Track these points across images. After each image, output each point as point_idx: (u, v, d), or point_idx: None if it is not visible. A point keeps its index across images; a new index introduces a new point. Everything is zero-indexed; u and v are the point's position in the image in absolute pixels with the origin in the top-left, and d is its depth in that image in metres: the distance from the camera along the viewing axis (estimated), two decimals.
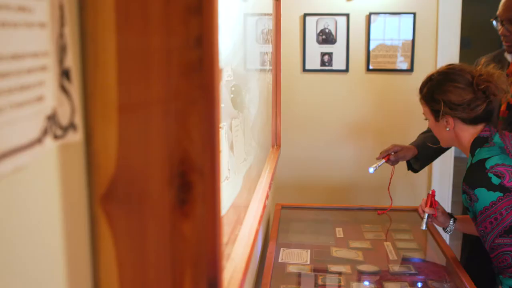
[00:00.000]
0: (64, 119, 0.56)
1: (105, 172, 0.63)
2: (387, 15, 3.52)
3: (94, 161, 0.63)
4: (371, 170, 2.46)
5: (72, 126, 0.58)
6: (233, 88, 1.38)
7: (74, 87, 0.59)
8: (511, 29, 2.31)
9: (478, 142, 1.89)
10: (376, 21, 3.53)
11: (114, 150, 0.62)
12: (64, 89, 0.56)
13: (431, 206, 2.15)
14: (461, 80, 1.89)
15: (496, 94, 1.87)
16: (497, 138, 1.88)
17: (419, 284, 2.06)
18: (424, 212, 2.13)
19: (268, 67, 2.20)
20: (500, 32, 2.37)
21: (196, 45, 0.59)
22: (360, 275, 2.13)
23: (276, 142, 2.37)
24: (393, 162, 2.50)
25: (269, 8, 2.37)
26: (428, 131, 2.49)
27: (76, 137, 0.59)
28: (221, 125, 1.19)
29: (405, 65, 3.55)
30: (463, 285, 1.97)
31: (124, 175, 0.62)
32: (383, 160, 2.46)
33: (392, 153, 2.44)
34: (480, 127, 1.91)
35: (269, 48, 2.29)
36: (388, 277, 2.11)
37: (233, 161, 1.35)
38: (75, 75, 0.59)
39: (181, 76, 0.60)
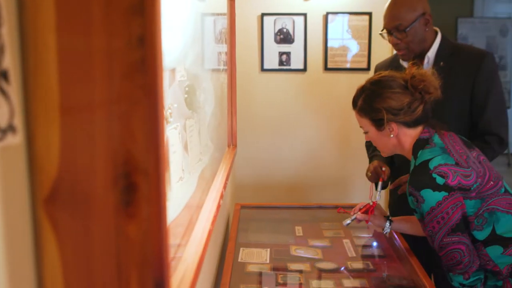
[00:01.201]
0: (2, 121, 0.55)
1: (48, 175, 0.62)
2: (344, 14, 3.56)
3: (36, 163, 0.62)
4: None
5: (11, 128, 0.57)
6: (187, 89, 1.37)
7: (13, 89, 0.57)
8: (399, 37, 2.39)
9: (420, 144, 1.93)
10: (333, 21, 3.56)
11: (56, 152, 0.61)
12: (2, 91, 0.55)
13: (366, 212, 2.24)
14: (396, 85, 1.93)
15: (430, 92, 1.92)
16: (437, 139, 1.92)
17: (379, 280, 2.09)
18: (354, 213, 2.25)
19: (224, 67, 2.21)
20: (391, 42, 2.47)
21: (139, 45, 0.58)
22: (319, 273, 2.15)
23: (232, 141, 2.36)
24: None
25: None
26: (369, 146, 2.55)
27: (15, 139, 0.58)
28: (174, 125, 1.18)
29: (362, 64, 3.60)
30: (420, 280, 2.01)
31: (67, 177, 0.61)
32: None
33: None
34: (419, 129, 1.95)
35: (225, 48, 2.29)
36: (347, 274, 2.14)
37: (188, 161, 1.34)
38: (14, 76, 0.58)
39: (123, 77, 0.59)
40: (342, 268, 2.18)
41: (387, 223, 2.22)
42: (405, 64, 2.54)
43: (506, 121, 2.36)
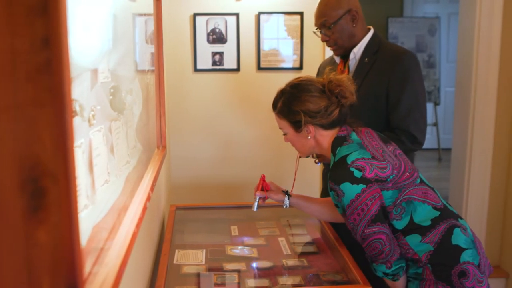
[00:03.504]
0: None
1: None
2: (275, 14, 3.59)
3: None
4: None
5: None
6: (112, 90, 1.35)
7: None
8: (328, 33, 2.51)
9: (338, 142, 2.01)
10: (265, 21, 3.59)
11: None
12: None
13: (262, 189, 2.35)
14: (314, 89, 2.02)
15: (346, 97, 2.01)
16: (354, 136, 2.02)
17: (312, 276, 2.11)
18: (255, 195, 2.35)
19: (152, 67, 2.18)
20: (321, 40, 2.57)
21: (43, 47, 0.57)
22: (255, 272, 2.16)
23: (161, 143, 2.34)
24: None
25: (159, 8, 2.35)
26: None
27: None
28: (98, 127, 1.16)
29: (295, 64, 3.64)
30: (354, 276, 2.05)
31: None
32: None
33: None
34: (336, 130, 2.04)
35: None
36: (282, 272, 2.16)
37: (114, 163, 1.32)
38: None
39: (28, 79, 0.58)
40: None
41: (286, 197, 2.36)
42: (337, 59, 2.62)
43: (420, 119, 2.44)
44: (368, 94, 2.42)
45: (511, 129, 3.55)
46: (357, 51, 2.53)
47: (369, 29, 2.57)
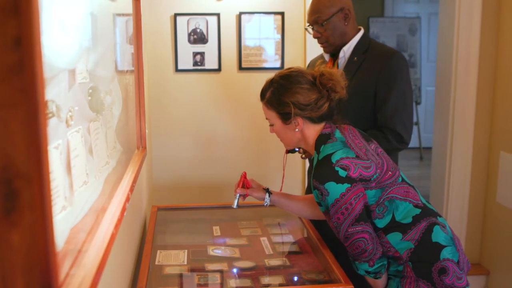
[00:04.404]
0: None
1: None
2: (257, 14, 3.59)
3: None
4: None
5: None
6: (90, 91, 1.34)
7: None
8: (320, 30, 2.54)
9: (322, 140, 2.00)
10: (247, 21, 3.59)
11: None
12: None
13: (243, 186, 2.34)
14: (304, 81, 2.00)
15: (337, 91, 2.00)
16: (338, 134, 2.01)
17: (295, 278, 2.12)
18: (235, 193, 2.33)
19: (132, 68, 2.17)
20: (313, 36, 2.60)
21: (15, 47, 0.56)
22: (237, 272, 2.16)
23: (141, 143, 2.33)
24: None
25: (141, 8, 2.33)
26: None
27: None
28: (76, 128, 1.15)
29: (276, 63, 3.65)
30: (336, 276, 2.06)
31: None
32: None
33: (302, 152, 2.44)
34: (323, 124, 2.03)
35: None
36: (264, 271, 2.15)
37: (93, 165, 1.31)
38: None
39: (0, 80, 0.57)
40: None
41: (267, 195, 2.34)
42: (326, 57, 2.65)
43: (407, 119, 2.47)
44: (356, 92, 2.44)
45: (490, 127, 3.59)
46: (346, 49, 2.56)
47: (360, 29, 2.60)
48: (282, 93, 2.00)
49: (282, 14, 3.61)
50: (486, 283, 3.64)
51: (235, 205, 2.35)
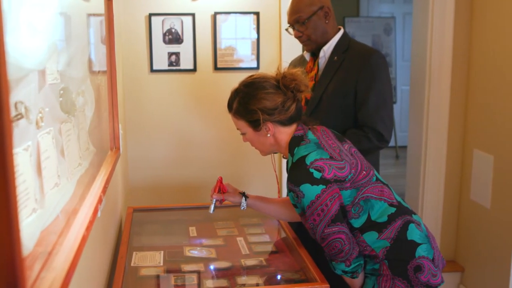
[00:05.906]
0: None
1: None
2: (233, 14, 3.58)
3: None
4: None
5: None
6: (61, 92, 1.32)
7: None
8: (301, 29, 2.57)
9: (295, 142, 2.01)
10: (223, 21, 3.58)
11: None
12: None
13: (219, 191, 2.34)
14: (268, 86, 2.01)
15: (302, 91, 2.02)
16: (311, 135, 2.02)
17: (278, 277, 2.12)
18: (212, 198, 2.32)
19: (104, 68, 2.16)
20: (295, 36, 2.63)
21: None
22: (213, 272, 2.16)
23: (114, 144, 2.32)
24: None
25: (114, 8, 2.31)
26: None
27: None
28: (47, 130, 1.14)
29: (252, 63, 3.64)
30: (313, 275, 2.07)
31: None
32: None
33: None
34: (294, 126, 2.04)
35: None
36: (241, 271, 2.16)
37: (65, 166, 1.29)
38: None
39: None
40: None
41: (243, 199, 2.35)
42: (307, 56, 2.67)
43: (387, 117, 2.49)
44: (337, 92, 2.46)
45: (464, 126, 3.63)
46: (327, 49, 2.58)
47: (339, 29, 2.63)
48: (248, 101, 2.01)
49: (257, 14, 3.60)
50: (461, 279, 3.69)
51: (211, 210, 2.34)
